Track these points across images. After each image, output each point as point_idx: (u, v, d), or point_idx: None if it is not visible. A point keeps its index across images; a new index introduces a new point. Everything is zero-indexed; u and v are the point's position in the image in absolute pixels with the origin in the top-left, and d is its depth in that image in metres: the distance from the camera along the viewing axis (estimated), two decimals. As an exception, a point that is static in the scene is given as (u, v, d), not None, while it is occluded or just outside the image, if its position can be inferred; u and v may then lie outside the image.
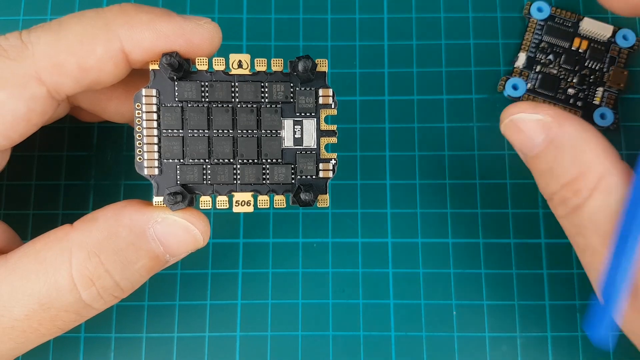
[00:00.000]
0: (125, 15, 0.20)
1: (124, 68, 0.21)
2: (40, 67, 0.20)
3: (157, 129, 0.21)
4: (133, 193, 0.29)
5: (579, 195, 0.20)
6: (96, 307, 0.21)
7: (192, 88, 0.21)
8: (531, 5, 0.30)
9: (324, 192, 0.21)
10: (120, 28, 0.20)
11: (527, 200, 0.29)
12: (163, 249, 0.21)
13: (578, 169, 0.20)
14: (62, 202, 0.29)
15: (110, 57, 0.20)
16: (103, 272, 0.20)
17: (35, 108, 0.20)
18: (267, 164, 0.21)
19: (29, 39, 0.20)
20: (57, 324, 0.21)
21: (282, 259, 0.28)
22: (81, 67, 0.20)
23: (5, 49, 0.20)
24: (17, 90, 0.20)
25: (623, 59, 0.30)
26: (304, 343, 0.28)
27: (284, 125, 0.21)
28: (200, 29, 0.20)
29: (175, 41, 0.20)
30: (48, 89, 0.20)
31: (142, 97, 0.21)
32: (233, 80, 0.21)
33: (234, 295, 0.28)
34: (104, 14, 0.20)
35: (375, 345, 0.27)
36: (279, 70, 0.21)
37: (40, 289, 0.20)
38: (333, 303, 0.28)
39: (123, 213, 0.21)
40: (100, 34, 0.20)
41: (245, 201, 0.21)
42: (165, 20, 0.20)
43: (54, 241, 0.20)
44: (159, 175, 0.21)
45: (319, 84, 0.21)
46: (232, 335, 0.28)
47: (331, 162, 0.21)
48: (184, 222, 0.21)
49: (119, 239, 0.20)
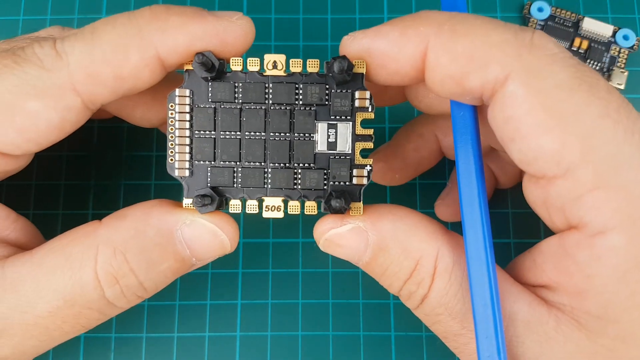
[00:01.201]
0: (158, 20, 0.20)
1: (159, 73, 0.20)
2: (75, 78, 0.19)
3: (190, 129, 0.20)
4: (133, 193, 0.29)
5: (424, 284, 0.20)
6: (119, 306, 0.21)
7: (225, 89, 0.20)
8: (531, 5, 0.30)
9: (358, 199, 0.20)
10: (154, 34, 0.19)
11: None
12: (189, 253, 0.20)
13: (412, 261, 0.20)
14: (62, 202, 0.29)
15: (145, 64, 0.20)
16: (127, 271, 0.20)
17: (69, 118, 0.20)
18: (299, 169, 0.20)
19: (63, 49, 0.19)
20: (80, 321, 0.20)
21: (282, 259, 0.28)
22: (116, 77, 0.20)
23: (40, 59, 0.19)
24: (52, 101, 0.19)
25: (623, 59, 0.30)
26: (304, 343, 0.28)
27: (317, 128, 0.20)
28: (233, 27, 0.20)
29: (209, 41, 0.20)
30: (83, 99, 0.20)
31: (176, 97, 0.20)
32: (267, 82, 0.20)
33: (234, 295, 0.28)
34: (136, 19, 0.20)
35: (375, 345, 0.27)
36: (314, 71, 0.20)
37: (65, 284, 0.19)
38: (333, 303, 0.28)
39: (152, 213, 0.20)
40: (134, 41, 0.19)
41: (276, 206, 0.21)
42: (197, 21, 0.20)
43: (81, 237, 0.20)
44: (190, 176, 0.21)
45: (356, 86, 0.20)
46: (232, 335, 0.28)
47: (366, 169, 0.20)
48: (212, 226, 0.20)
49: (145, 239, 0.20)
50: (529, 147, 0.18)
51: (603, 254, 0.18)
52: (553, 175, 0.18)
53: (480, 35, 0.18)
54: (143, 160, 0.30)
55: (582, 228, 0.18)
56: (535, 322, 0.19)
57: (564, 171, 0.18)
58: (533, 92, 0.18)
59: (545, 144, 0.18)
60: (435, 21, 0.19)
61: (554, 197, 0.19)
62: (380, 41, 0.19)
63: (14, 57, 0.20)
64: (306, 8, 0.31)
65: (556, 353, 0.19)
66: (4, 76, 0.19)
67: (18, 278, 0.20)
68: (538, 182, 0.19)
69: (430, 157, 0.27)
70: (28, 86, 0.19)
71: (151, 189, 0.29)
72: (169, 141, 0.20)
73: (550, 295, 0.19)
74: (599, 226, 0.18)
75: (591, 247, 0.18)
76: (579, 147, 0.17)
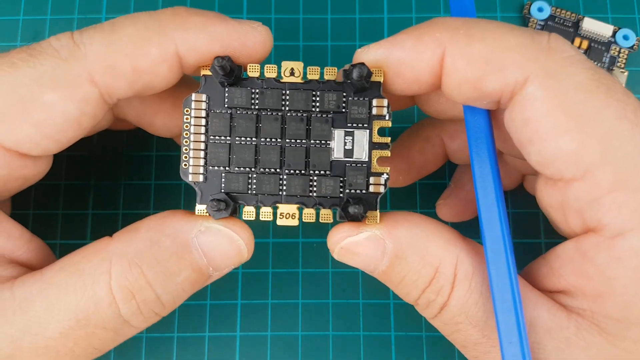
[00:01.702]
0: (180, 18, 0.19)
1: (177, 72, 0.20)
2: (93, 68, 0.19)
3: (205, 134, 0.20)
4: (133, 193, 0.29)
5: (443, 292, 0.19)
6: (135, 325, 0.20)
7: (242, 94, 0.20)
8: (531, 5, 0.30)
9: (374, 208, 0.20)
10: (175, 30, 0.19)
11: (527, 199, 0.29)
12: (206, 261, 0.20)
13: (431, 268, 0.19)
14: (62, 202, 0.29)
15: (164, 59, 0.19)
16: (144, 284, 0.19)
17: (87, 111, 0.20)
18: (315, 176, 0.20)
19: (81, 39, 0.19)
20: (93, 343, 0.19)
21: (282, 259, 0.28)
22: (135, 69, 0.19)
23: (56, 49, 0.19)
24: (69, 92, 0.19)
25: (623, 59, 0.30)
26: (304, 343, 0.27)
27: (334, 135, 0.20)
28: (254, 32, 0.20)
29: (229, 44, 0.20)
30: (100, 91, 0.19)
31: (192, 102, 0.20)
32: (284, 88, 0.20)
33: (234, 296, 0.28)
34: (157, 16, 0.20)
35: (375, 345, 0.27)
36: (332, 78, 0.20)
37: (77, 302, 0.18)
38: (333, 303, 0.28)
39: (166, 222, 0.20)
40: (155, 35, 0.19)
41: (290, 214, 0.20)
42: (219, 23, 0.20)
43: (93, 253, 0.19)
44: (204, 182, 0.20)
45: (373, 94, 0.20)
46: (232, 335, 0.28)
47: (383, 177, 0.20)
48: (228, 231, 0.20)
49: (161, 249, 0.19)
50: (548, 149, 0.18)
51: (623, 255, 0.18)
52: (571, 177, 0.18)
53: (497, 38, 0.18)
54: (143, 160, 0.30)
55: (601, 230, 0.18)
56: (556, 327, 0.19)
57: (583, 173, 0.18)
58: (552, 94, 0.18)
59: (564, 145, 0.18)
60: (450, 27, 0.19)
61: (572, 200, 0.18)
62: (396, 50, 0.19)
63: (30, 51, 0.19)
64: (306, 8, 0.31)
65: (578, 358, 0.19)
66: (19, 70, 0.19)
67: (28, 298, 0.19)
68: (555, 185, 0.19)
69: (435, 161, 0.27)
70: (44, 78, 0.19)
71: (151, 188, 0.29)
72: (183, 146, 0.20)
73: (569, 301, 0.19)
74: (618, 228, 0.18)
75: (610, 249, 0.18)
76: (598, 149, 0.17)
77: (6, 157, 0.20)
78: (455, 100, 0.20)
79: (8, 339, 0.19)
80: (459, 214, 0.28)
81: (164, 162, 0.30)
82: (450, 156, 0.27)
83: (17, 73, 0.19)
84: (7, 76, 0.19)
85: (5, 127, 0.19)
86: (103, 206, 0.29)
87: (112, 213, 0.29)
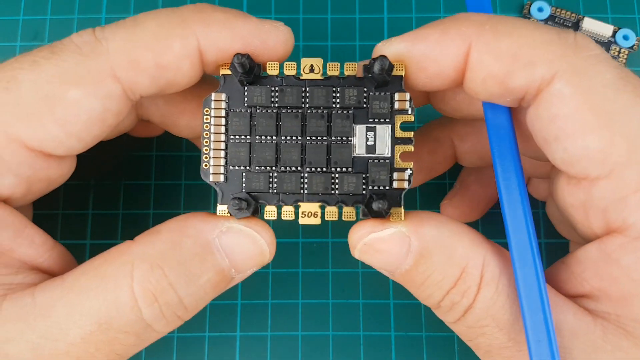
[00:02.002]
0: (202, 13, 0.19)
1: (198, 69, 0.20)
2: (115, 64, 0.19)
3: (225, 134, 0.20)
4: (133, 193, 0.29)
5: (469, 294, 0.19)
6: (157, 329, 0.19)
7: (261, 93, 0.20)
8: (531, 5, 0.30)
9: (398, 204, 0.19)
10: (197, 25, 0.19)
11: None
12: (228, 262, 0.20)
13: (457, 269, 0.19)
14: (62, 202, 0.29)
15: (187, 54, 0.19)
16: (166, 286, 0.19)
17: (110, 107, 0.19)
18: (337, 173, 0.20)
19: (103, 35, 0.19)
20: (115, 348, 0.19)
21: (283, 259, 0.28)
22: (158, 64, 0.19)
23: (78, 46, 0.19)
24: (92, 88, 0.19)
25: (623, 59, 0.30)
26: (304, 343, 0.28)
27: (355, 131, 0.20)
28: (276, 31, 0.20)
29: (251, 42, 0.19)
30: (123, 87, 0.19)
31: (211, 101, 0.20)
32: (304, 85, 0.20)
33: (234, 296, 0.28)
34: (180, 12, 0.19)
35: (375, 345, 0.27)
36: (352, 74, 0.20)
37: (99, 306, 0.18)
38: (333, 303, 0.28)
39: (187, 224, 0.19)
40: (177, 30, 0.19)
41: (312, 212, 0.20)
42: (241, 20, 0.19)
43: (115, 256, 0.19)
44: (224, 182, 0.20)
45: (395, 88, 0.20)
46: (232, 335, 0.28)
47: (407, 172, 0.20)
48: (250, 231, 0.20)
49: (183, 250, 0.19)
50: (574, 146, 0.18)
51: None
52: (596, 175, 0.18)
53: (524, 35, 0.18)
54: (143, 160, 0.30)
55: (626, 230, 0.18)
56: (582, 331, 0.19)
57: (609, 171, 0.18)
58: (580, 91, 0.18)
59: (591, 143, 0.18)
60: (476, 22, 0.19)
61: (596, 199, 0.18)
62: (420, 43, 0.19)
63: (51, 48, 0.19)
64: (306, 8, 0.31)
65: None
66: (42, 67, 0.19)
67: (49, 303, 0.18)
68: (579, 184, 0.19)
69: (444, 162, 0.26)
70: (67, 74, 0.18)
71: (151, 188, 0.29)
72: (203, 146, 0.20)
73: (593, 305, 0.19)
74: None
75: (636, 250, 0.18)
76: (626, 147, 0.17)
77: (31, 157, 0.19)
78: (477, 97, 0.20)
79: (29, 345, 0.18)
80: (464, 215, 0.28)
81: (164, 162, 0.30)
82: (459, 158, 0.26)
83: (40, 70, 0.19)
84: (30, 74, 0.19)
85: (29, 126, 0.19)
86: (103, 206, 0.29)
87: (112, 213, 0.29)
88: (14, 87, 0.19)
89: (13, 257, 0.20)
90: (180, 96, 0.23)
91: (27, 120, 0.19)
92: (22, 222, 0.21)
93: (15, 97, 0.18)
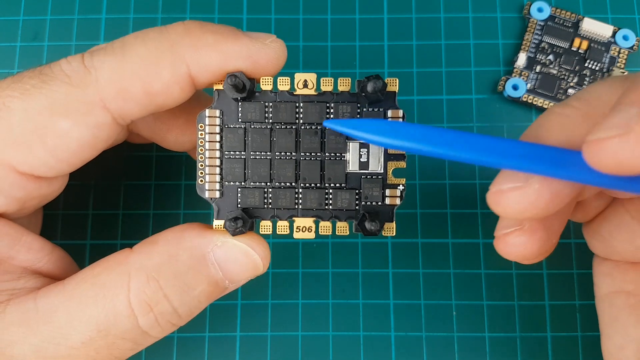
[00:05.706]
0: (191, 37, 0.19)
1: (189, 91, 0.20)
2: (104, 94, 0.19)
3: (220, 150, 0.20)
4: (133, 193, 0.29)
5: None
6: (153, 335, 0.20)
7: (255, 109, 0.20)
8: (531, 5, 0.30)
9: (390, 220, 0.20)
10: (186, 50, 0.19)
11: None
12: (222, 275, 0.20)
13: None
14: (62, 202, 0.29)
15: (176, 81, 0.19)
16: (161, 297, 0.19)
17: (100, 135, 0.20)
18: (331, 189, 0.20)
19: (92, 64, 0.19)
20: (113, 352, 0.20)
21: (282, 260, 0.28)
22: (147, 92, 0.19)
23: (68, 75, 0.19)
24: (82, 118, 0.19)
25: (623, 60, 0.30)
26: (304, 343, 0.28)
27: (349, 148, 0.20)
28: (266, 49, 0.20)
29: (242, 63, 0.20)
30: (113, 115, 0.20)
31: (206, 117, 0.20)
32: (298, 101, 0.20)
33: (234, 296, 0.28)
34: (168, 34, 0.19)
35: (375, 345, 0.27)
36: (346, 90, 0.20)
37: (98, 314, 0.19)
38: (333, 303, 0.28)
39: (184, 236, 0.20)
40: (166, 57, 0.19)
41: (307, 227, 0.20)
42: (231, 41, 0.19)
43: (113, 265, 0.20)
44: (220, 198, 0.20)
45: (388, 105, 0.20)
46: (232, 335, 0.28)
47: (399, 188, 0.20)
48: (244, 246, 0.20)
49: (178, 263, 0.20)
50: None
51: None
52: None
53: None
54: (143, 160, 0.30)
55: None
56: None
57: None
58: None
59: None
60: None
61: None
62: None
63: (42, 77, 0.19)
64: (306, 8, 0.31)
65: None
66: (32, 97, 0.19)
67: (50, 309, 0.19)
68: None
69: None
70: (57, 105, 0.19)
71: (151, 189, 0.29)
72: (198, 162, 0.20)
73: None
74: None
75: None
76: None
77: (22, 181, 0.20)
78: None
79: (32, 348, 0.19)
80: (543, 248, 0.19)
81: (164, 162, 0.30)
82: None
83: (31, 99, 0.19)
84: (21, 103, 0.19)
85: (20, 152, 0.19)
86: (103, 206, 0.29)
87: (112, 213, 0.29)
88: (6, 115, 0.19)
89: (13, 264, 0.21)
90: (169, 113, 0.23)
91: (18, 147, 0.19)
92: (19, 231, 0.21)
93: (6, 125, 0.19)
